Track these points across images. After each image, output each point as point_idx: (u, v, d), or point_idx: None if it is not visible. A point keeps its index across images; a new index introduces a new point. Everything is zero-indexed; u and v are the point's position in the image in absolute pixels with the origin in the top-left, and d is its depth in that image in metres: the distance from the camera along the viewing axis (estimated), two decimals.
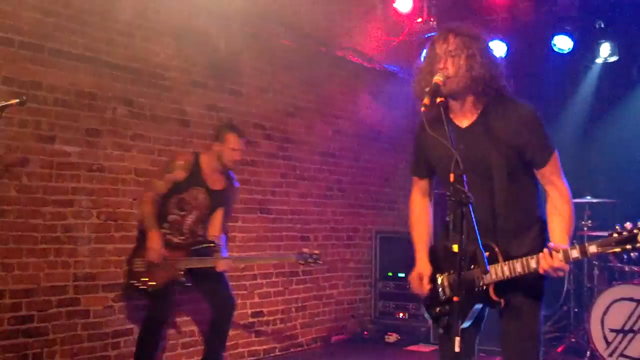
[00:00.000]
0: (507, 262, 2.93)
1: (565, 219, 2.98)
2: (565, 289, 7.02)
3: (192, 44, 5.91)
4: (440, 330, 3.21)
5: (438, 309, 3.22)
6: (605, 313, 5.91)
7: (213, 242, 5.11)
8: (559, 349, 6.68)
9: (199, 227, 5.13)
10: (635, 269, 6.34)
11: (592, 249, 2.79)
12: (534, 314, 3.07)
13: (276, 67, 6.76)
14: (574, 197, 6.74)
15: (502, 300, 2.99)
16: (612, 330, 5.86)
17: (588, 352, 6.11)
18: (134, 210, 5.39)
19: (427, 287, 3.20)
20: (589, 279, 6.67)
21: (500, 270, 2.92)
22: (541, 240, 3.03)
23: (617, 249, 2.76)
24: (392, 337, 7.21)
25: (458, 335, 2.71)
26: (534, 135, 3.00)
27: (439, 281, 3.22)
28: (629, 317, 5.79)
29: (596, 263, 6.61)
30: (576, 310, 6.94)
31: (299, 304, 6.92)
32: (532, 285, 3.03)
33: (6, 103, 3.76)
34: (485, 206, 2.94)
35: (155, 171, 5.46)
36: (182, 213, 5.04)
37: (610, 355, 5.84)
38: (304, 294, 6.99)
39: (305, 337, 6.97)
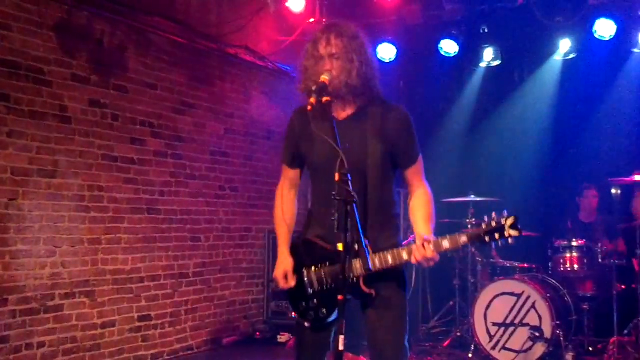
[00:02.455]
0: (377, 254, 3.00)
1: (429, 213, 3.16)
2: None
3: (74, 38, 5.65)
4: (307, 324, 3.23)
5: (304, 303, 3.23)
6: (488, 307, 6.14)
7: None
8: (445, 343, 6.88)
9: None
10: (516, 264, 6.63)
11: (463, 239, 2.91)
12: (402, 304, 3.18)
13: (165, 64, 6.58)
14: (459, 195, 7.06)
15: (373, 292, 3.05)
16: (494, 324, 6.09)
17: (472, 346, 6.32)
18: (9, 211, 5.11)
19: (292, 282, 3.25)
20: (473, 274, 6.90)
21: (371, 262, 2.98)
22: (398, 236, 3.19)
23: (487, 239, 2.87)
24: (284, 337, 7.18)
25: (342, 334, 2.72)
26: (407, 137, 3.17)
27: (305, 275, 3.23)
28: (510, 311, 6.03)
29: (479, 259, 6.85)
30: (461, 305, 7.16)
31: (189, 307, 6.77)
32: (397, 277, 3.15)
33: None
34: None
35: (34, 170, 5.20)
36: None
37: (493, 348, 6.06)
38: (194, 295, 6.84)
39: (195, 340, 6.82)
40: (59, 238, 5.50)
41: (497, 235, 2.88)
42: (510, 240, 2.92)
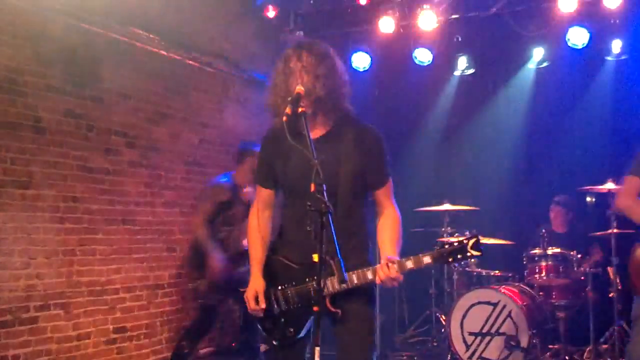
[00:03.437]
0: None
1: (396, 234, 3.20)
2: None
3: (49, 48, 5.59)
4: (274, 342, 3.26)
5: (272, 322, 3.25)
6: (464, 317, 6.14)
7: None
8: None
9: (241, 241, 5.77)
10: (492, 273, 6.65)
11: (427, 260, 3.01)
12: (367, 319, 3.19)
13: (140, 74, 6.53)
14: (434, 204, 7.07)
15: (339, 311, 3.09)
16: (471, 334, 6.09)
17: (449, 356, 6.32)
18: None
19: (263, 305, 3.24)
20: (449, 283, 6.91)
21: (337, 283, 2.96)
22: (366, 256, 3.22)
23: (450, 259, 2.97)
24: (262, 347, 7.13)
25: (318, 345, 2.72)
26: (379, 159, 3.22)
27: (273, 295, 3.25)
28: (487, 320, 6.04)
29: (456, 268, 6.86)
30: (438, 314, 7.17)
31: (165, 318, 6.71)
32: (364, 294, 3.16)
33: None
34: None
35: (8, 181, 5.13)
36: (229, 228, 5.75)
37: (470, 357, 6.07)
38: (170, 306, 6.79)
39: (171, 352, 6.75)
40: (33, 249, 5.42)
41: (459, 256, 2.99)
42: (472, 260, 3.00)
